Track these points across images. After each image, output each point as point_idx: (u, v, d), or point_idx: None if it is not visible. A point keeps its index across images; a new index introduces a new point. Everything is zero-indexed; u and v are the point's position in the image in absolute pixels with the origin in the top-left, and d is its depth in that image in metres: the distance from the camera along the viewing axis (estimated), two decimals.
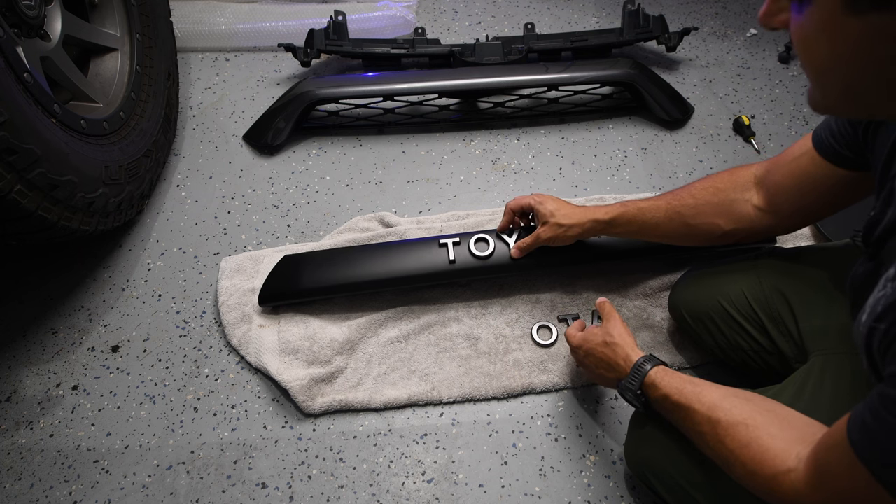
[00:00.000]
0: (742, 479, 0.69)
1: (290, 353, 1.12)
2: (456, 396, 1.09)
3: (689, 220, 0.98)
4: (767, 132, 1.57)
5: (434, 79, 1.53)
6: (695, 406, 0.75)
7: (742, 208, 0.94)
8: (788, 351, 0.91)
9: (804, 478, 0.62)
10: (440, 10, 1.97)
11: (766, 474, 0.66)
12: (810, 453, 0.63)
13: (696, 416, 0.75)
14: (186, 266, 1.30)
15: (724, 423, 0.71)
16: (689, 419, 0.76)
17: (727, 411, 0.72)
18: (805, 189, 0.86)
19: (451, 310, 1.20)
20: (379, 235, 1.30)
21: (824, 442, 0.61)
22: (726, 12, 1.97)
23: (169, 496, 1.00)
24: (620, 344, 0.90)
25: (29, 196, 0.97)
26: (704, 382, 0.78)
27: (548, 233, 1.08)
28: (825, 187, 0.84)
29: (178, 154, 1.52)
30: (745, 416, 0.70)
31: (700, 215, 0.97)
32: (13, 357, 1.16)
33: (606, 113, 1.61)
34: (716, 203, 0.96)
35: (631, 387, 0.85)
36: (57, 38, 1.17)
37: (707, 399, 0.74)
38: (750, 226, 0.95)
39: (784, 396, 0.78)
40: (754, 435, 0.68)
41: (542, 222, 1.08)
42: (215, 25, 1.76)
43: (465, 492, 1.00)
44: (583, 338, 0.97)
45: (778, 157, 0.91)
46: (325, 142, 1.55)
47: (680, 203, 0.99)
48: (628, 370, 0.86)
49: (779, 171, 0.90)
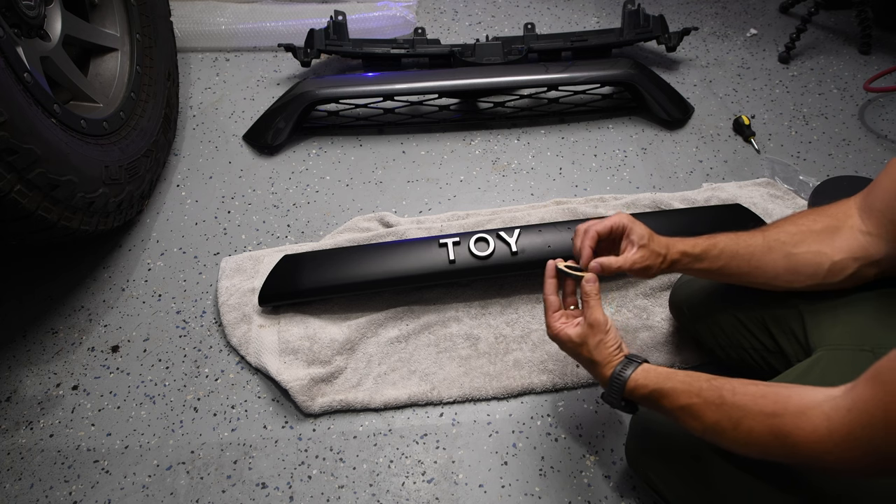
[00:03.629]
0: (761, 434, 0.64)
1: (290, 353, 1.12)
2: (456, 396, 1.09)
3: (790, 249, 0.85)
4: (767, 132, 1.57)
5: (434, 79, 1.53)
6: (692, 388, 0.73)
7: (848, 234, 0.83)
8: (791, 351, 0.89)
9: (847, 406, 0.58)
10: (440, 10, 1.97)
11: (793, 410, 0.62)
12: (865, 378, 0.58)
13: (693, 396, 0.72)
14: (186, 266, 1.30)
15: (729, 388, 0.69)
16: (686, 402, 0.73)
17: (729, 380, 0.70)
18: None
19: (451, 310, 1.20)
20: (379, 235, 1.30)
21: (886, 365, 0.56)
22: (726, 12, 1.97)
23: (169, 496, 1.00)
24: (592, 347, 0.84)
25: (29, 196, 0.97)
26: (687, 371, 0.77)
27: (647, 259, 0.89)
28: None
29: (178, 154, 1.52)
30: (751, 382, 0.69)
31: (803, 243, 0.85)
32: (13, 357, 1.16)
33: (606, 113, 1.61)
34: (818, 230, 0.85)
35: (612, 400, 0.83)
36: (57, 38, 1.17)
37: (700, 379, 0.73)
38: (862, 253, 0.82)
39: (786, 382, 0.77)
40: (769, 389, 0.65)
41: (639, 245, 0.89)
42: (215, 25, 1.76)
43: (465, 492, 1.00)
44: (556, 332, 0.89)
45: (875, 180, 0.83)
46: (325, 142, 1.55)
47: (779, 230, 0.88)
48: (607, 377, 0.82)
49: (881, 188, 0.81)
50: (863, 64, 1.77)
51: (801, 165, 1.49)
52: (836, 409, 0.59)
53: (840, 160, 1.50)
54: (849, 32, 1.86)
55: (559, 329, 0.88)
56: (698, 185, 1.44)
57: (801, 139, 1.56)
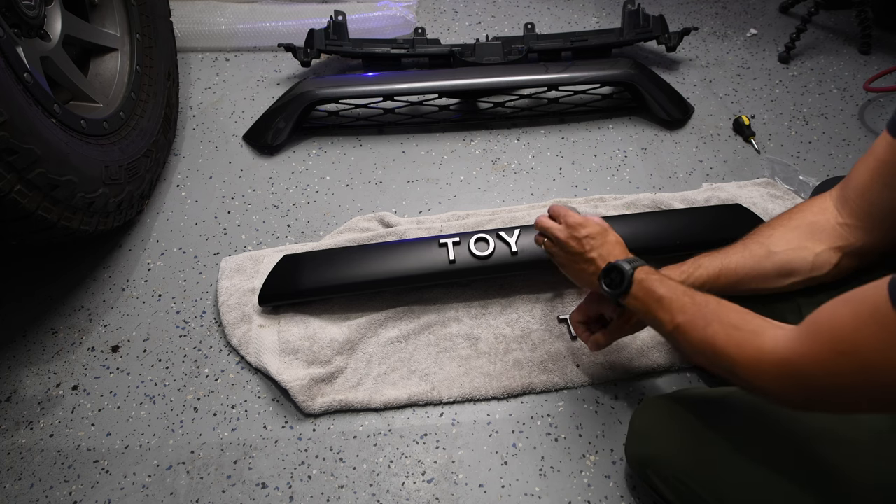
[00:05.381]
0: (718, 341, 0.71)
1: (290, 353, 1.12)
2: (456, 396, 1.09)
3: (772, 248, 0.89)
4: (767, 132, 1.57)
5: (434, 79, 1.53)
6: (686, 290, 0.79)
7: (826, 227, 0.86)
8: None
9: (790, 339, 0.64)
10: (440, 10, 1.97)
11: (751, 328, 0.68)
12: (804, 324, 0.64)
13: (684, 295, 0.78)
14: (186, 266, 1.30)
15: (715, 298, 0.76)
16: (677, 298, 0.79)
17: (715, 297, 0.77)
18: (889, 180, 0.78)
19: (451, 310, 1.20)
20: (379, 235, 1.30)
21: (832, 302, 0.62)
22: (726, 12, 1.97)
23: (169, 496, 1.00)
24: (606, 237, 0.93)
25: (29, 196, 0.97)
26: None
27: (634, 329, 0.99)
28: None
29: (178, 154, 1.52)
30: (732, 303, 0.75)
31: (783, 241, 0.89)
32: (13, 357, 1.16)
33: (606, 113, 1.61)
34: (796, 226, 0.89)
35: (619, 279, 0.86)
36: (57, 38, 1.17)
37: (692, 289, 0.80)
38: (842, 243, 0.84)
39: None
40: (743, 308, 0.72)
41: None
42: (215, 25, 1.76)
43: (465, 492, 1.00)
44: (578, 222, 0.96)
45: (849, 174, 0.85)
46: (325, 142, 1.55)
47: (758, 234, 0.92)
48: (618, 258, 0.89)
49: (854, 179, 0.84)
50: (863, 64, 1.77)
51: (801, 165, 1.49)
52: (783, 339, 0.65)
53: (840, 160, 1.50)
54: (849, 32, 1.86)
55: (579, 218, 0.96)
56: (698, 185, 1.44)
57: (801, 139, 1.56)
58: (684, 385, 1.11)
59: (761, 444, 0.77)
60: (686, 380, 1.11)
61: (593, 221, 0.95)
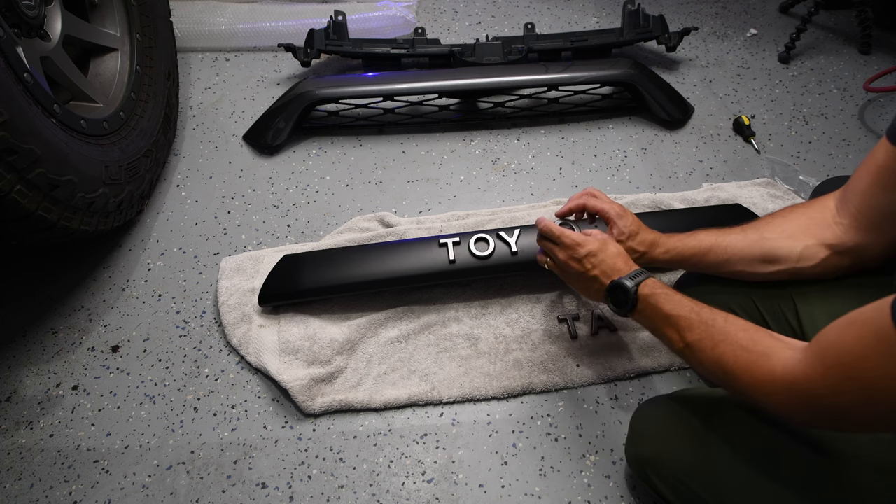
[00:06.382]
0: (728, 361, 0.72)
1: (290, 353, 1.12)
2: (456, 396, 1.09)
3: (765, 234, 0.91)
4: (767, 132, 1.57)
5: (434, 79, 1.53)
6: (693, 304, 0.80)
7: (822, 224, 0.87)
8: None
9: (798, 360, 0.65)
10: (440, 10, 1.97)
11: (760, 350, 0.69)
12: (812, 344, 0.65)
13: (692, 312, 0.79)
14: (186, 266, 1.30)
15: (722, 315, 0.77)
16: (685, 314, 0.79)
17: (721, 311, 0.78)
18: (887, 184, 0.79)
19: (451, 310, 1.20)
20: (379, 235, 1.30)
21: (838, 323, 0.63)
22: (726, 12, 1.97)
23: (169, 496, 1.00)
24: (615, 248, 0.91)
25: (29, 196, 0.97)
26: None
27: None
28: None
29: (178, 154, 1.52)
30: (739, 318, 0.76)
31: (777, 230, 0.90)
32: (13, 357, 1.16)
33: (606, 113, 1.61)
34: (792, 218, 0.90)
35: (626, 291, 0.86)
36: (57, 38, 1.17)
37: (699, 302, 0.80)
38: (834, 241, 0.86)
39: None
40: (750, 326, 0.73)
41: (616, 240, 0.96)
42: (215, 25, 1.76)
43: (465, 492, 1.00)
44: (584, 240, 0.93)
45: (852, 175, 0.86)
46: (325, 142, 1.55)
47: (756, 222, 0.94)
48: (623, 271, 0.88)
49: (856, 179, 0.84)
50: (863, 64, 1.77)
51: (801, 165, 1.49)
52: (791, 362, 0.66)
53: (840, 160, 1.50)
54: (849, 32, 1.86)
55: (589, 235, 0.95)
56: (698, 185, 1.44)
57: (801, 139, 1.56)
58: (684, 385, 1.11)
59: (761, 445, 0.77)
60: (686, 380, 1.11)
61: (591, 238, 0.93)
